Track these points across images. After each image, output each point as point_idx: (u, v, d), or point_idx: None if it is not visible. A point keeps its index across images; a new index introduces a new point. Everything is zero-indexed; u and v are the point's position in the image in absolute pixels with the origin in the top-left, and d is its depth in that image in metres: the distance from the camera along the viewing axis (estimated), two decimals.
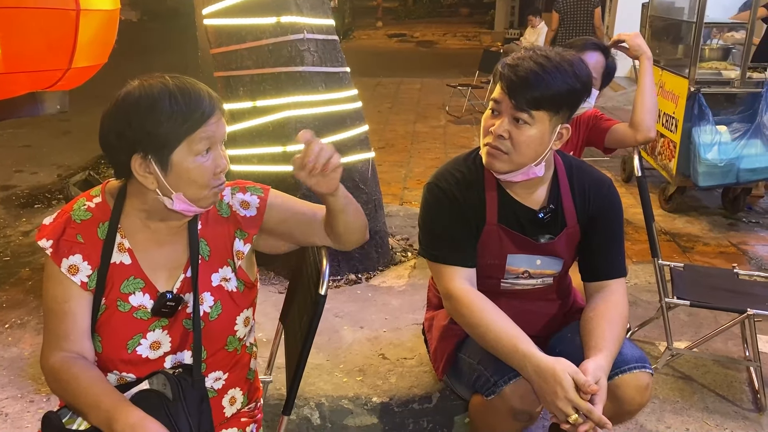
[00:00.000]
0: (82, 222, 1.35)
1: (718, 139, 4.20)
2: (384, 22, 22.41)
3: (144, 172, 1.26)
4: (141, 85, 1.26)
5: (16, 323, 2.94)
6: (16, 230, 4.23)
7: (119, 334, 1.34)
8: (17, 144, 6.54)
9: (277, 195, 1.49)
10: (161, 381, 1.31)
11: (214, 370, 1.43)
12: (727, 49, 4.89)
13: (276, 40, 2.96)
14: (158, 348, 1.37)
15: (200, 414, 1.31)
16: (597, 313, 1.69)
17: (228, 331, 1.42)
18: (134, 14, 21.11)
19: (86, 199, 1.38)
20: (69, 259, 1.32)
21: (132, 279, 1.36)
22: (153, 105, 1.22)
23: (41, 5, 2.27)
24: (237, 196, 1.45)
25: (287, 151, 3.00)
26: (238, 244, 1.43)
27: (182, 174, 1.27)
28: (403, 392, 2.24)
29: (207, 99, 1.27)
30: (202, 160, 1.28)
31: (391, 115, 8.22)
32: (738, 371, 2.65)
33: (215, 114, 1.28)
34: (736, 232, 4.32)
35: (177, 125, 1.23)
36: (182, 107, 1.23)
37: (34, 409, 2.34)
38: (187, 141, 1.25)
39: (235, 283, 1.43)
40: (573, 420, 1.45)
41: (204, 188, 1.30)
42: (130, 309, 1.35)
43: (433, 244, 1.77)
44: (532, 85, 1.56)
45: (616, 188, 1.82)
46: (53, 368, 1.31)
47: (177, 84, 1.26)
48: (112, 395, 1.26)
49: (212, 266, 1.40)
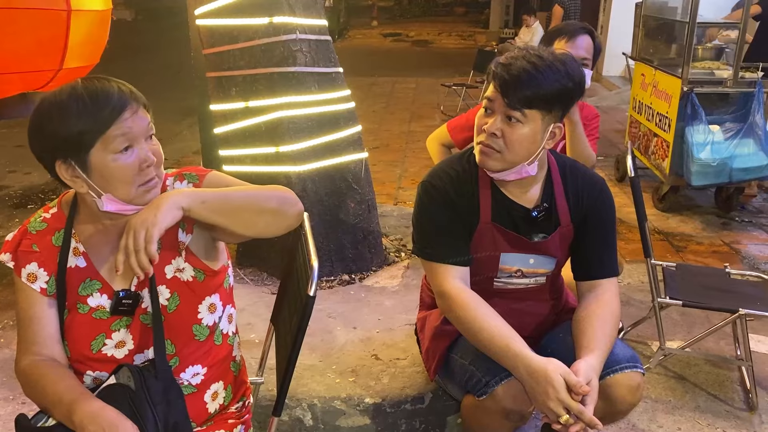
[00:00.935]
0: (38, 232, 1.39)
1: (711, 139, 4.21)
2: (379, 22, 22.40)
3: (71, 177, 1.28)
4: (53, 92, 1.28)
5: (8, 324, 2.93)
6: (9, 231, 4.20)
7: (82, 335, 1.37)
8: (10, 144, 6.51)
9: (212, 181, 1.42)
10: (126, 374, 1.33)
11: (190, 364, 1.43)
12: (720, 48, 4.90)
13: (268, 40, 2.95)
14: (123, 346, 1.38)
15: (167, 404, 1.31)
16: (589, 312, 1.70)
17: (191, 321, 1.42)
18: (128, 13, 21.08)
19: (43, 211, 1.42)
20: (27, 268, 1.37)
21: (88, 281, 1.38)
22: (61, 109, 1.24)
23: (32, 6, 2.26)
24: (176, 185, 1.42)
25: (280, 152, 3.00)
26: (180, 234, 1.41)
27: (104, 173, 1.27)
28: (396, 393, 2.24)
29: (116, 95, 1.25)
30: (122, 158, 1.26)
31: (386, 114, 8.22)
32: (730, 370, 2.66)
33: (128, 108, 1.26)
34: (729, 232, 4.34)
35: (87, 125, 1.23)
36: (89, 107, 1.24)
37: (26, 411, 2.33)
38: (101, 140, 1.25)
39: (191, 272, 1.41)
40: (564, 420, 1.46)
41: (131, 185, 1.29)
42: (89, 310, 1.37)
43: (426, 243, 1.77)
44: (525, 84, 1.57)
45: (608, 188, 1.83)
46: (24, 371, 1.35)
47: (85, 85, 1.26)
48: (74, 390, 1.29)
49: (164, 258, 1.39)
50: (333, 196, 3.13)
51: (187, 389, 1.42)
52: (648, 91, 5.00)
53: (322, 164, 3.08)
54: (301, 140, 3.01)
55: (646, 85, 5.06)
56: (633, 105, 5.41)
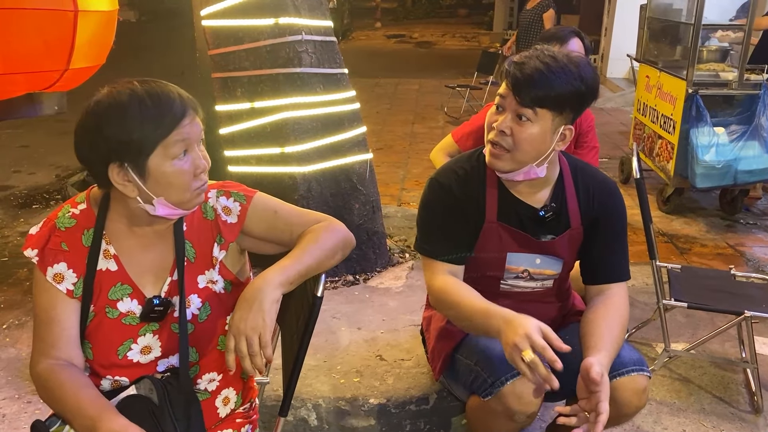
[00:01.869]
0: (67, 230, 1.34)
1: (716, 141, 4.20)
2: (383, 23, 22.40)
3: (123, 181, 1.25)
4: (110, 93, 1.24)
5: (14, 324, 2.94)
6: (14, 231, 4.23)
7: (109, 340, 1.34)
8: (15, 144, 6.54)
9: (259, 204, 1.44)
10: (147, 386, 1.31)
11: (208, 371, 1.43)
12: (725, 50, 4.89)
13: (274, 41, 2.96)
14: (149, 353, 1.36)
15: (188, 419, 1.31)
16: (597, 315, 1.69)
17: (219, 332, 1.42)
18: (133, 14, 21.10)
19: (71, 206, 1.37)
20: (54, 268, 1.32)
21: (119, 285, 1.35)
22: (123, 112, 1.21)
23: (39, 6, 2.27)
24: (221, 200, 1.42)
25: (285, 152, 3.00)
26: (215, 250, 1.41)
27: (161, 179, 1.25)
28: (401, 393, 2.24)
29: (178, 100, 1.25)
30: (179, 164, 1.26)
31: (389, 116, 8.22)
32: (735, 373, 2.66)
33: (188, 115, 1.26)
34: (733, 234, 4.33)
35: (149, 131, 1.21)
36: (153, 112, 1.21)
37: (32, 410, 2.34)
38: (162, 145, 1.23)
39: (222, 284, 1.42)
40: (527, 357, 1.42)
41: (185, 191, 1.28)
42: (119, 315, 1.34)
43: (425, 238, 1.81)
44: (537, 83, 1.57)
45: (620, 192, 1.83)
46: (41, 375, 1.31)
47: (146, 88, 1.24)
48: (96, 402, 1.25)
49: (198, 268, 1.39)
50: (338, 196, 3.13)
51: (202, 395, 1.43)
52: (652, 93, 4.99)
53: (327, 165, 3.08)
54: (306, 141, 3.02)
55: (651, 87, 5.06)
56: (637, 107, 5.40)
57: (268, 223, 1.44)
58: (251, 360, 1.25)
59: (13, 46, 2.26)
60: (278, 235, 1.45)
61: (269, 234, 1.45)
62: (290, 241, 1.44)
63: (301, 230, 1.44)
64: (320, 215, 1.49)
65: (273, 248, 1.49)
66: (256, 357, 1.24)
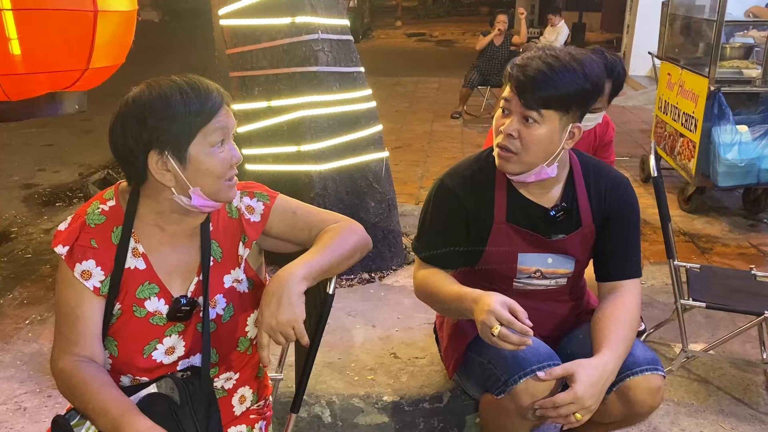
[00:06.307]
0: (97, 226, 1.34)
1: (739, 139, 4.13)
2: (403, 22, 22.37)
3: (161, 170, 1.27)
4: (150, 86, 1.27)
5: (36, 319, 2.99)
6: (38, 228, 4.30)
7: (136, 339, 1.35)
8: (40, 143, 6.65)
9: (281, 205, 1.47)
10: (169, 385, 1.32)
11: (226, 371, 1.44)
12: (749, 47, 4.81)
13: (291, 40, 2.97)
14: (173, 353, 1.38)
15: (208, 419, 1.32)
16: (605, 314, 1.69)
17: (239, 333, 1.43)
18: (155, 14, 21.33)
19: (100, 201, 1.37)
20: (82, 264, 1.32)
21: (147, 284, 1.36)
22: (166, 101, 1.24)
23: (59, 7, 2.30)
24: (245, 199, 1.45)
25: (301, 151, 3.02)
26: (241, 248, 1.43)
27: (200, 166, 1.28)
28: (414, 391, 2.25)
29: (216, 92, 1.30)
30: (218, 151, 1.29)
31: (408, 114, 8.21)
32: (755, 374, 2.62)
33: (224, 106, 1.31)
34: (756, 233, 4.26)
35: (191, 118, 1.25)
36: (194, 100, 1.26)
37: (52, 404, 2.38)
38: (202, 132, 1.26)
39: (246, 283, 1.44)
40: (495, 331, 1.47)
41: (221, 179, 1.31)
42: (146, 314, 1.35)
43: (418, 237, 1.85)
44: (540, 85, 1.56)
45: (633, 188, 1.81)
46: (63, 372, 1.31)
47: (185, 80, 1.28)
48: (119, 402, 1.26)
49: (224, 268, 1.41)
50: (353, 195, 3.14)
51: (219, 393, 1.44)
52: (674, 91, 4.93)
53: (343, 163, 3.09)
54: (322, 139, 3.03)
55: (672, 85, 4.99)
56: (659, 105, 5.33)
57: (288, 223, 1.46)
58: (301, 342, 1.30)
59: (34, 47, 2.30)
60: (297, 234, 1.47)
61: (289, 233, 1.47)
62: (308, 240, 1.46)
63: (319, 230, 1.46)
64: (338, 215, 1.52)
65: (291, 247, 1.51)
66: (303, 338, 1.30)
